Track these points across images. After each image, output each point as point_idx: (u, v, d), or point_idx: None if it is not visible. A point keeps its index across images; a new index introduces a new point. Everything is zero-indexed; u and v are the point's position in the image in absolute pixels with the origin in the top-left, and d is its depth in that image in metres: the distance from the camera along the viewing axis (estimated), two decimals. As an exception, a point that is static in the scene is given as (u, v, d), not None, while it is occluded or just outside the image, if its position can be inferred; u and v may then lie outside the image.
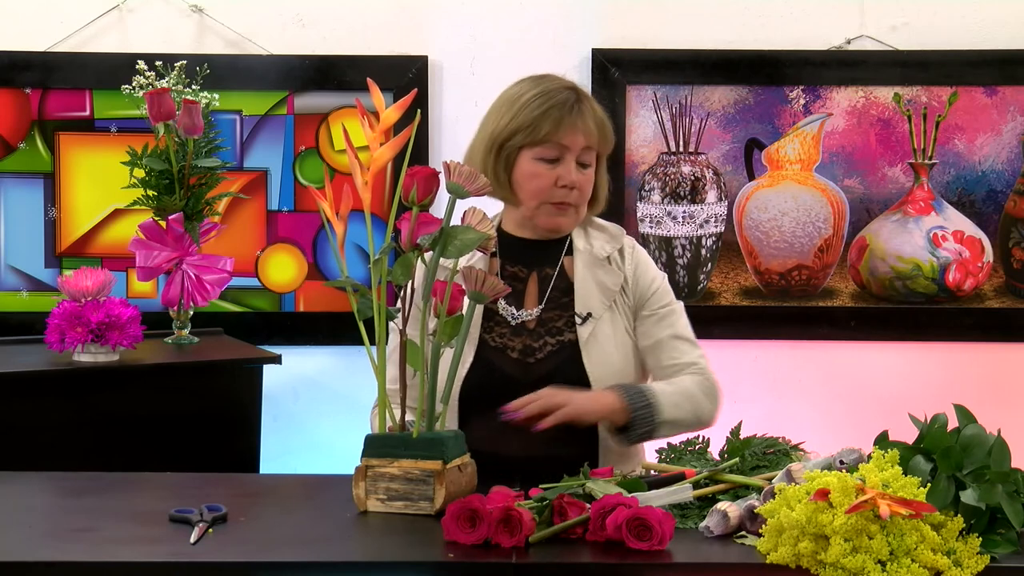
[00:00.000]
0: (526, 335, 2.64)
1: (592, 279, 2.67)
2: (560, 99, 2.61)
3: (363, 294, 2.21)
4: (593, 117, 2.64)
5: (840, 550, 1.84)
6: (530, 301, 2.67)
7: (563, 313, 2.66)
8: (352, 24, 3.82)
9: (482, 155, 2.65)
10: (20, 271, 3.82)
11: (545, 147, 2.61)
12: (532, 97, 2.62)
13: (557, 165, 2.61)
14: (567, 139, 2.60)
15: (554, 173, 2.61)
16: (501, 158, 2.63)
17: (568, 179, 2.61)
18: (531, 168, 2.62)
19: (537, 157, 2.62)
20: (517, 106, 2.63)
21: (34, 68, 3.78)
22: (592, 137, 2.63)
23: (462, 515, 1.99)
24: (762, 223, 3.85)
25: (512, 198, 2.67)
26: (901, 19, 3.82)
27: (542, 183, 2.62)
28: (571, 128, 2.60)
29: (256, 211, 3.84)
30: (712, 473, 2.23)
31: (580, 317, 2.64)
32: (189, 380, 3.22)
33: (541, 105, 2.61)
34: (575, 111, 2.61)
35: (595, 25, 3.82)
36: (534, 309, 2.66)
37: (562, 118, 2.60)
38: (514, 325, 2.64)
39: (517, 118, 2.62)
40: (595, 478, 2.19)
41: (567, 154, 2.61)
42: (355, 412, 3.00)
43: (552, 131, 2.59)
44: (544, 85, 2.65)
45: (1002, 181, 3.84)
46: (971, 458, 1.99)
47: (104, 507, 2.25)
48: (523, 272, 2.69)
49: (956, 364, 3.83)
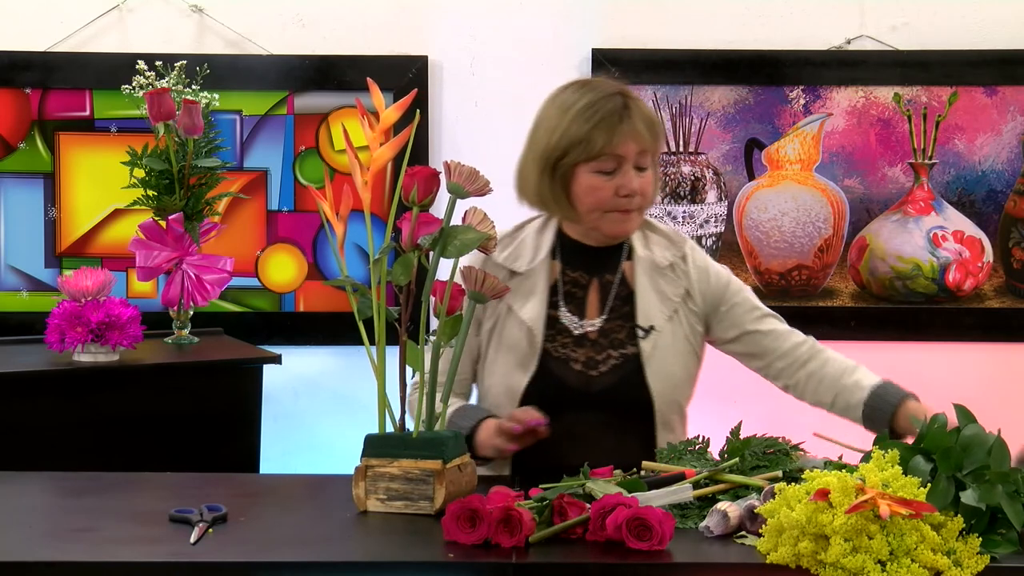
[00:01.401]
0: (588, 346, 2.62)
1: (653, 288, 2.65)
2: (608, 108, 2.56)
3: (363, 294, 2.21)
4: (643, 119, 2.59)
5: (840, 550, 1.84)
6: (591, 310, 2.65)
7: (624, 324, 2.64)
8: (352, 24, 3.82)
9: (536, 175, 2.62)
10: (20, 271, 3.82)
11: (601, 160, 2.57)
12: (580, 110, 2.57)
13: (615, 175, 2.57)
14: (622, 148, 2.56)
15: (613, 184, 2.57)
16: (556, 177, 2.60)
17: (629, 187, 2.57)
18: (590, 182, 2.58)
19: (594, 171, 2.57)
20: (567, 120, 2.58)
21: (34, 68, 3.78)
22: (645, 140, 2.59)
23: (462, 515, 1.99)
24: (762, 223, 3.85)
25: (572, 214, 2.62)
26: (901, 19, 3.82)
27: (603, 195, 2.58)
28: (623, 137, 2.56)
29: (256, 211, 3.84)
30: (712, 473, 2.23)
31: (643, 330, 2.62)
32: (189, 380, 3.22)
33: (591, 118, 2.56)
34: (625, 118, 2.57)
35: (595, 25, 3.82)
36: (596, 320, 2.64)
37: (613, 128, 2.55)
38: (576, 335, 2.62)
39: (567, 134, 2.57)
40: (595, 478, 2.19)
41: (624, 163, 2.57)
42: (355, 412, 3.00)
43: (606, 143, 2.55)
44: (590, 95, 2.59)
45: (1002, 181, 3.84)
46: (971, 458, 1.99)
47: (104, 507, 2.25)
48: (584, 279, 2.66)
49: (956, 364, 3.83)
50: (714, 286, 2.69)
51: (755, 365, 2.72)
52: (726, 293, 2.70)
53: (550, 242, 2.66)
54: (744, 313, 2.70)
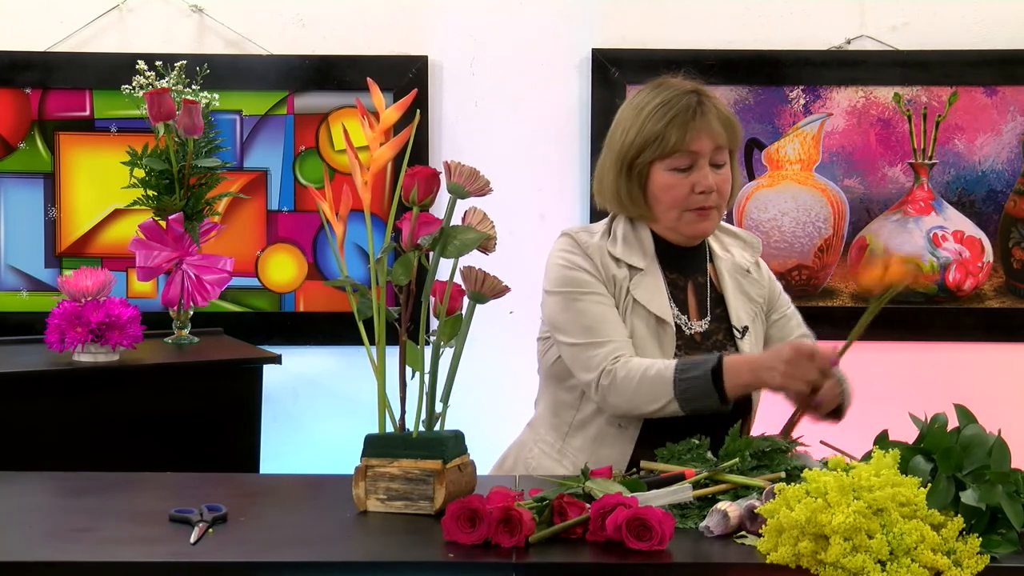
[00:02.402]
0: (695, 347, 2.62)
1: (739, 290, 2.68)
2: (682, 105, 2.57)
3: (363, 294, 2.21)
4: (718, 116, 2.59)
5: (840, 550, 1.84)
6: (693, 311, 2.65)
7: (720, 325, 2.65)
8: (352, 24, 3.82)
9: (613, 175, 2.63)
10: (20, 271, 3.82)
11: (675, 157, 2.57)
12: (654, 108, 2.58)
13: (691, 172, 2.58)
14: (696, 145, 2.57)
15: (689, 181, 2.58)
16: (633, 176, 2.60)
17: (705, 184, 2.57)
18: (665, 180, 2.59)
19: (669, 168, 2.58)
20: (641, 119, 2.59)
21: (34, 68, 3.78)
22: (720, 137, 2.59)
23: (462, 515, 1.98)
24: (762, 223, 3.85)
25: (649, 214, 2.63)
26: (901, 19, 3.82)
27: (679, 192, 2.58)
28: (698, 133, 2.56)
29: (256, 211, 3.84)
30: (712, 473, 2.23)
31: (739, 331, 2.64)
32: (189, 380, 3.22)
33: (664, 115, 2.57)
34: (699, 114, 2.57)
35: (595, 25, 3.82)
36: (702, 321, 2.65)
37: (687, 124, 2.56)
38: (687, 336, 2.62)
39: (642, 132, 2.58)
40: (595, 478, 2.18)
41: (699, 159, 2.58)
42: (355, 412, 3.00)
43: (680, 140, 2.56)
44: (664, 93, 2.61)
45: (1002, 181, 3.84)
46: (971, 458, 1.99)
47: (104, 507, 2.25)
48: (681, 280, 2.67)
49: (956, 364, 3.83)
50: (772, 293, 2.75)
51: None
52: (778, 301, 2.75)
53: (652, 241, 2.66)
54: (795, 327, 2.76)
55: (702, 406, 2.45)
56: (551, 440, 2.65)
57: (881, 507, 1.87)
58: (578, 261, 2.61)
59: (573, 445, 2.62)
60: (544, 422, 2.69)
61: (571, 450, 2.61)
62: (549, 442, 2.65)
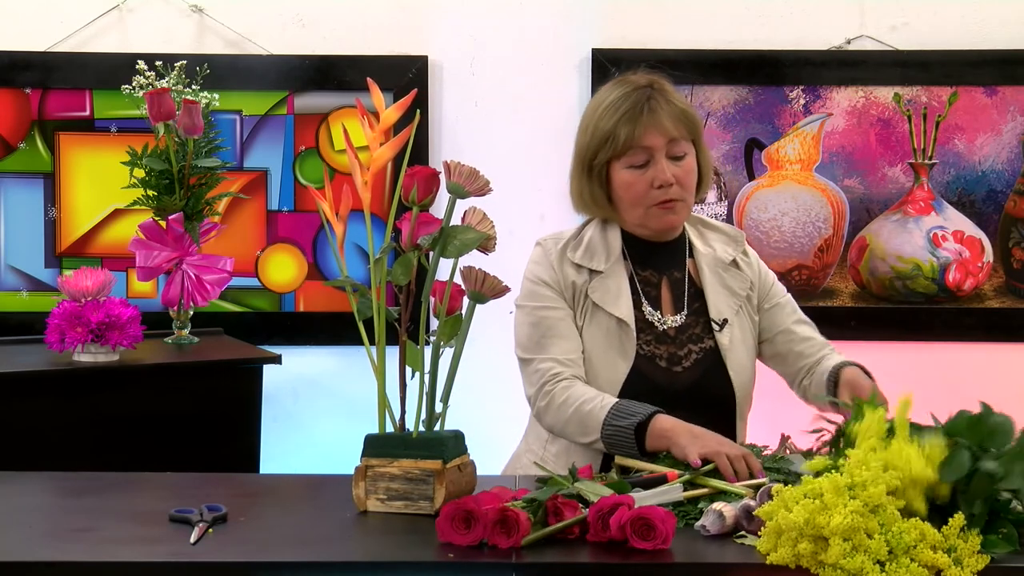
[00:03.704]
0: (669, 343, 2.63)
1: (720, 284, 2.67)
2: (631, 102, 2.58)
3: (363, 294, 2.21)
4: (668, 110, 2.59)
5: (839, 550, 1.84)
6: (666, 307, 2.66)
7: (698, 319, 2.65)
8: (352, 24, 3.82)
9: (578, 179, 2.65)
10: (20, 271, 3.82)
11: (630, 155, 2.58)
12: (607, 107, 2.60)
13: (648, 168, 2.59)
14: (647, 140, 2.58)
15: (647, 177, 2.58)
16: (594, 177, 2.62)
17: (663, 178, 2.58)
18: (624, 177, 2.60)
19: (627, 166, 2.59)
20: (595, 119, 2.61)
21: (34, 68, 3.78)
22: (672, 130, 2.59)
23: (457, 516, 1.98)
24: (762, 223, 3.85)
25: (615, 215, 2.64)
26: (901, 19, 3.82)
27: (639, 189, 2.59)
28: (646, 129, 2.57)
29: (256, 211, 3.84)
30: (693, 476, 2.24)
31: (717, 324, 2.64)
32: (189, 380, 3.22)
33: (614, 114, 2.58)
34: (647, 111, 2.58)
35: (595, 25, 3.82)
36: (678, 316, 2.65)
37: (636, 120, 2.57)
38: (660, 332, 2.62)
39: (596, 132, 2.60)
40: (582, 478, 2.18)
41: (655, 154, 2.58)
42: (355, 412, 3.00)
43: (630, 137, 2.57)
44: (617, 90, 2.62)
45: (1002, 181, 3.84)
46: (995, 442, 2.00)
47: (104, 507, 2.25)
48: (655, 277, 2.67)
49: (956, 364, 3.83)
50: (764, 284, 2.74)
51: (781, 369, 2.75)
52: (771, 291, 2.75)
53: (619, 241, 2.66)
54: (788, 315, 2.75)
55: (624, 453, 2.45)
56: (535, 448, 2.68)
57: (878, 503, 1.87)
58: (539, 273, 2.65)
59: (551, 452, 2.64)
60: (531, 431, 2.72)
61: (550, 456, 2.63)
62: (534, 451, 2.67)
